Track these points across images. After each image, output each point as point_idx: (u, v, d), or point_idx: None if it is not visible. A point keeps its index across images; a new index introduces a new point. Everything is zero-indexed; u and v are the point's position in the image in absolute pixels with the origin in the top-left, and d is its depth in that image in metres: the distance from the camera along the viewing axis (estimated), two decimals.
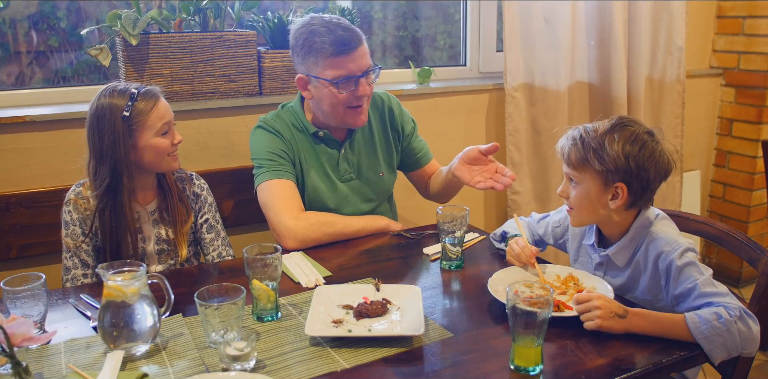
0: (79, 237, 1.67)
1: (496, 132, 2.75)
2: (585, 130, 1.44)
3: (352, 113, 1.82)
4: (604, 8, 2.70)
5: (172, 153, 1.67)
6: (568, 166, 1.45)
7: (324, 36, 1.72)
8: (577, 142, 1.42)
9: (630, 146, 1.38)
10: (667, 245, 1.39)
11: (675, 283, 1.36)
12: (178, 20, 2.13)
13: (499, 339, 1.28)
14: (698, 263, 1.36)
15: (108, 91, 1.61)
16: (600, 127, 1.42)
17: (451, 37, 2.90)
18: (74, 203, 1.67)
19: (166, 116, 1.64)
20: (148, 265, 1.74)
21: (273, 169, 1.83)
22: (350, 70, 1.75)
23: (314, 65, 1.76)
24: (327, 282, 1.54)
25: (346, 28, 1.75)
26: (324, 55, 1.73)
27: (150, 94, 1.63)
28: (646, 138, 1.40)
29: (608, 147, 1.38)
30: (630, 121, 1.43)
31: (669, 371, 1.22)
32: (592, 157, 1.39)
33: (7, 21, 2.15)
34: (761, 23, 3.03)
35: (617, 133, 1.39)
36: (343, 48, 1.72)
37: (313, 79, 1.78)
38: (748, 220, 3.24)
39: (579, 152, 1.42)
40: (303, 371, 1.17)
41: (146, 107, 1.60)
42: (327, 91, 1.78)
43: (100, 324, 1.22)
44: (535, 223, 1.71)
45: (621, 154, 1.37)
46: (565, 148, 1.45)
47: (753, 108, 3.15)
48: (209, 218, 1.81)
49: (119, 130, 1.58)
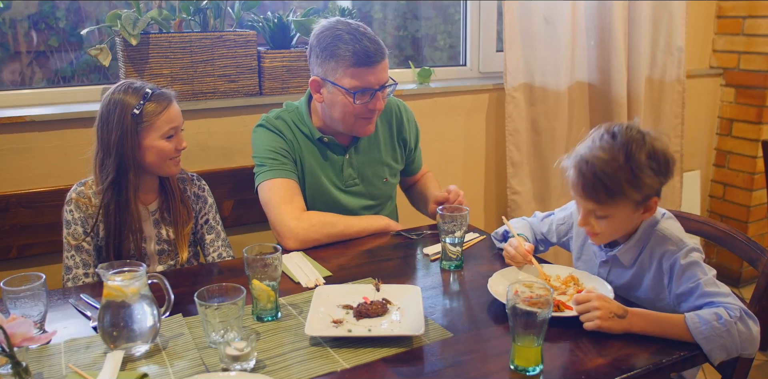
0: (80, 236, 1.67)
1: (496, 132, 2.75)
2: (599, 161, 1.32)
3: (362, 123, 1.82)
4: (604, 8, 2.70)
5: (174, 158, 1.68)
6: (596, 203, 1.36)
7: (349, 44, 1.70)
8: (603, 179, 1.32)
9: (656, 163, 1.33)
10: (673, 245, 1.39)
11: (678, 281, 1.36)
12: (178, 20, 2.13)
13: (499, 339, 1.28)
14: (702, 263, 1.36)
15: (123, 86, 1.63)
16: (612, 153, 1.32)
17: (451, 37, 2.90)
18: (76, 202, 1.67)
19: (174, 121, 1.65)
20: (149, 265, 1.74)
21: (275, 168, 1.83)
22: (369, 83, 1.74)
23: (333, 71, 1.74)
24: (327, 282, 1.54)
25: (372, 39, 1.73)
26: (345, 63, 1.71)
27: (163, 96, 1.64)
28: (656, 143, 1.34)
29: (641, 174, 1.31)
30: (627, 131, 1.35)
31: (669, 371, 1.22)
32: (628, 190, 1.32)
33: (7, 21, 2.15)
34: (761, 23, 3.03)
35: (637, 152, 1.31)
36: (367, 60, 1.71)
37: (329, 84, 1.76)
38: (748, 220, 3.24)
39: (609, 189, 1.32)
40: (303, 371, 1.17)
41: (157, 109, 1.62)
42: (341, 99, 1.76)
43: (100, 324, 1.22)
44: (538, 221, 1.71)
45: (655, 175, 1.33)
46: (586, 187, 1.35)
47: (753, 108, 3.15)
48: (209, 218, 1.81)
49: (127, 126, 1.59)
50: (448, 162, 2.68)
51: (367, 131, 1.85)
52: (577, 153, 1.39)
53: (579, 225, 1.44)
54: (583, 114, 2.83)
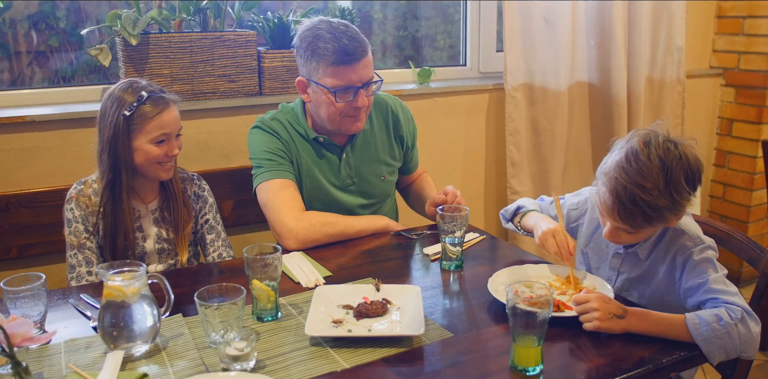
0: (82, 234, 1.67)
1: (496, 132, 2.75)
2: (639, 188, 1.28)
3: (348, 121, 1.81)
4: (604, 8, 2.70)
5: (164, 163, 1.66)
6: (631, 227, 1.34)
7: (328, 42, 1.70)
8: (643, 207, 1.29)
9: (693, 183, 1.31)
10: (690, 240, 1.40)
11: (688, 276, 1.37)
12: (178, 20, 2.13)
13: (499, 339, 1.28)
14: (716, 261, 1.37)
15: (125, 85, 1.63)
16: (651, 178, 1.27)
17: (451, 37, 2.90)
18: (76, 200, 1.67)
19: (166, 127, 1.63)
20: (148, 264, 1.74)
21: (272, 168, 1.83)
22: (350, 81, 1.73)
23: (315, 70, 1.75)
24: (327, 282, 1.54)
25: (352, 37, 1.72)
26: (325, 62, 1.71)
27: (160, 101, 1.62)
28: (690, 157, 1.30)
29: (680, 199, 1.30)
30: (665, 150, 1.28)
31: (669, 371, 1.22)
32: (667, 215, 1.31)
33: (7, 21, 2.15)
34: (761, 23, 3.03)
35: (677, 175, 1.28)
36: (346, 58, 1.70)
37: (313, 83, 1.77)
38: (748, 220, 3.24)
39: (648, 216, 1.30)
40: (303, 371, 1.17)
41: (150, 113, 1.60)
42: (325, 98, 1.76)
43: (100, 324, 1.22)
44: (547, 205, 1.71)
45: (692, 196, 1.31)
46: (623, 212, 1.31)
47: (753, 108, 3.15)
48: (210, 218, 1.81)
49: (119, 126, 1.59)
50: (447, 162, 2.68)
51: (355, 128, 1.84)
52: (610, 171, 1.33)
53: (606, 237, 1.42)
54: (583, 114, 2.83)
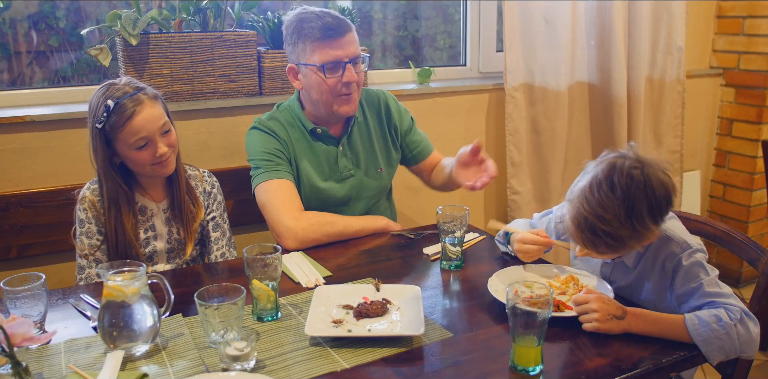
0: (94, 235, 1.66)
1: (496, 132, 2.75)
2: (599, 220, 1.26)
3: (341, 101, 1.83)
4: (604, 8, 2.70)
5: (156, 163, 1.62)
6: (597, 253, 1.35)
7: (313, 21, 1.76)
8: (604, 237, 1.28)
9: (659, 212, 1.29)
10: (677, 246, 1.38)
11: (680, 282, 1.36)
12: (178, 20, 2.13)
13: (499, 339, 1.28)
14: (705, 263, 1.36)
15: (100, 92, 1.59)
16: (612, 210, 1.26)
17: (451, 37, 2.90)
18: (89, 201, 1.67)
19: (142, 131, 1.55)
20: (157, 263, 1.74)
21: (270, 169, 1.83)
22: (337, 56, 1.77)
23: (303, 52, 1.79)
24: (327, 282, 1.54)
25: (335, 16, 1.79)
26: (312, 39, 1.77)
27: (129, 105, 1.54)
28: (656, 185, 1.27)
29: (643, 229, 1.28)
30: (628, 181, 1.26)
31: (669, 371, 1.22)
32: (630, 243, 1.30)
33: (7, 21, 2.15)
34: (761, 23, 3.03)
35: (639, 205, 1.25)
36: (331, 33, 1.75)
37: (302, 66, 1.81)
38: (748, 220, 3.24)
39: (610, 246, 1.30)
40: (303, 371, 1.17)
41: (119, 121, 1.54)
42: (315, 78, 1.80)
43: (100, 324, 1.22)
44: (536, 221, 1.71)
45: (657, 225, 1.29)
46: (586, 241, 1.32)
47: (753, 108, 3.15)
48: (216, 216, 1.81)
49: (96, 136, 1.58)
50: None
51: (348, 110, 1.85)
52: (574, 199, 1.33)
53: (578, 255, 1.42)
54: (583, 114, 2.83)
